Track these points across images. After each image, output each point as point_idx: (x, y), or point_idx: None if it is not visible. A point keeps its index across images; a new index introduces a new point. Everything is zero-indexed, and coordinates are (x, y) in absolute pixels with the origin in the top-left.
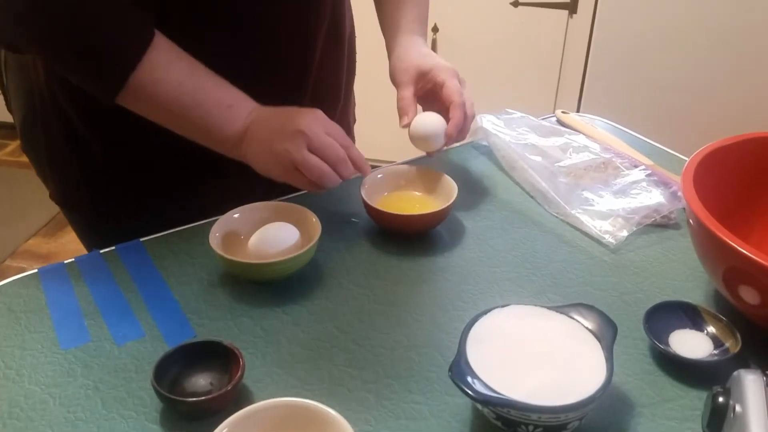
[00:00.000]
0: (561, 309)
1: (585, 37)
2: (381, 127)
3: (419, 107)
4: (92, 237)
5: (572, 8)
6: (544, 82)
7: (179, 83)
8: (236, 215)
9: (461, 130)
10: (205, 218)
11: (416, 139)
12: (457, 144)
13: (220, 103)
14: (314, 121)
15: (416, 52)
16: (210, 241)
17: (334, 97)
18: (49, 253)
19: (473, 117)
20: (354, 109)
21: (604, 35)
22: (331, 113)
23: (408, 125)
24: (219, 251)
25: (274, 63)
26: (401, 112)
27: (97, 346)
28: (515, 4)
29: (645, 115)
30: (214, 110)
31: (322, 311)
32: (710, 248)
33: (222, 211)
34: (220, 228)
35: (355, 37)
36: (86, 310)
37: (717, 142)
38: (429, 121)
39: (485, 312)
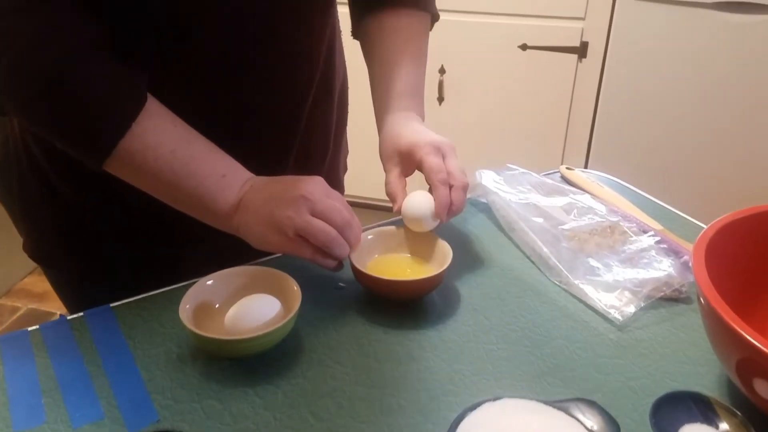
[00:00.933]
0: (559, 405)
1: (595, 82)
2: (377, 166)
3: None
4: (66, 294)
5: (582, 52)
6: (552, 127)
7: (171, 151)
8: (209, 282)
9: (454, 204)
10: (188, 277)
11: (409, 221)
12: None
13: (213, 172)
14: (316, 186)
15: (397, 133)
16: (180, 313)
17: (321, 150)
18: (45, 291)
19: (466, 186)
20: (346, 158)
21: (614, 81)
22: (318, 166)
23: (398, 209)
24: (189, 325)
25: (262, 121)
26: (390, 198)
27: (52, 429)
28: (524, 48)
29: (655, 170)
30: (206, 180)
31: (298, 393)
32: (722, 337)
33: (204, 270)
34: (192, 297)
35: (347, 88)
36: (45, 386)
37: (732, 214)
38: (418, 201)
39: (475, 406)
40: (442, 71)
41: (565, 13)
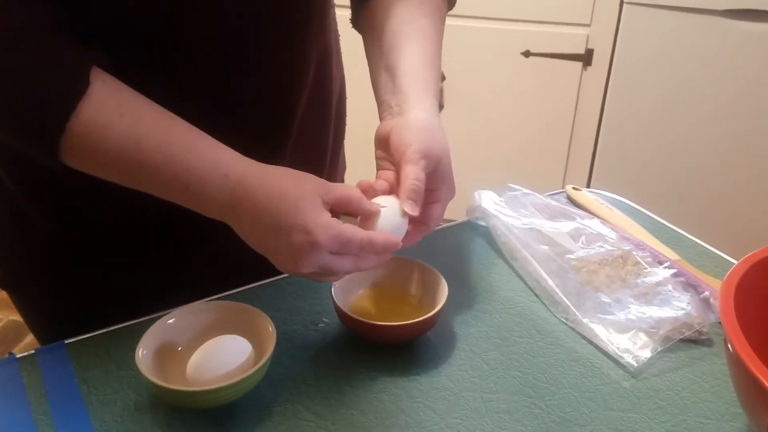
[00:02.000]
0: None
1: (600, 91)
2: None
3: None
4: (33, 321)
5: (587, 60)
6: (555, 137)
7: (118, 151)
8: (171, 321)
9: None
10: (166, 306)
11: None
12: (453, 223)
13: (176, 176)
14: (319, 223)
15: (441, 140)
16: (136, 360)
17: (316, 166)
18: (5, 318)
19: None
20: (343, 174)
21: (620, 90)
22: None
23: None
24: (147, 374)
25: (245, 134)
26: (412, 196)
27: None
28: (527, 54)
29: (665, 188)
30: (170, 186)
31: None
32: (754, 396)
33: (184, 299)
34: (151, 339)
35: (345, 98)
36: None
37: (765, 249)
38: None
39: None
40: (441, 78)
41: (570, 19)
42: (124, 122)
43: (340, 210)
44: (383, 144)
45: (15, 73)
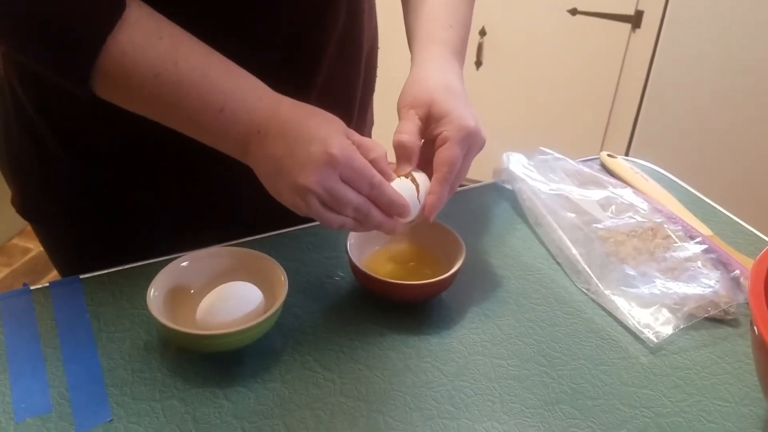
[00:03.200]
0: None
1: (647, 56)
2: None
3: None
4: (55, 253)
5: (636, 22)
6: (596, 102)
7: (155, 75)
8: (184, 264)
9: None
10: (186, 247)
11: None
12: (478, 185)
13: (208, 106)
14: (342, 140)
15: (440, 79)
16: (147, 300)
17: (342, 117)
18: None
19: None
20: (371, 130)
21: (669, 56)
22: None
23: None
24: (157, 315)
25: (270, 75)
26: (401, 153)
27: None
28: (573, 12)
29: (708, 163)
30: (202, 116)
31: (274, 400)
32: None
33: (205, 241)
34: (163, 281)
35: (377, 51)
36: None
37: None
38: (409, 189)
39: None
40: (482, 33)
41: None
42: (163, 44)
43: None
44: (419, 103)
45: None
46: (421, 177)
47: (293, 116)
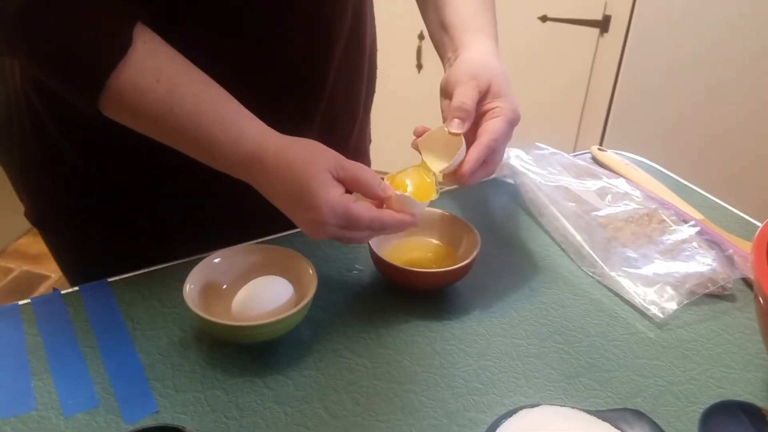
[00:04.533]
0: (604, 415)
1: (616, 58)
2: (398, 140)
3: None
4: (66, 262)
5: (604, 26)
6: (568, 104)
7: (154, 117)
8: (217, 260)
9: (473, 174)
10: (197, 254)
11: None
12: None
13: (204, 146)
14: (332, 207)
15: (492, 64)
16: (184, 294)
17: (349, 121)
18: (40, 253)
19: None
20: (370, 129)
21: (636, 58)
22: (345, 140)
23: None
24: (194, 307)
25: (278, 88)
26: (457, 114)
27: (42, 417)
28: (543, 19)
29: (679, 155)
30: (200, 154)
31: (311, 386)
32: None
33: (216, 248)
34: (197, 277)
35: (376, 50)
36: (35, 368)
37: None
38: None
39: (511, 413)
40: (421, 37)
41: None
42: (160, 88)
43: (352, 189)
44: (445, 94)
45: (66, 23)
46: (463, 145)
47: (278, 176)
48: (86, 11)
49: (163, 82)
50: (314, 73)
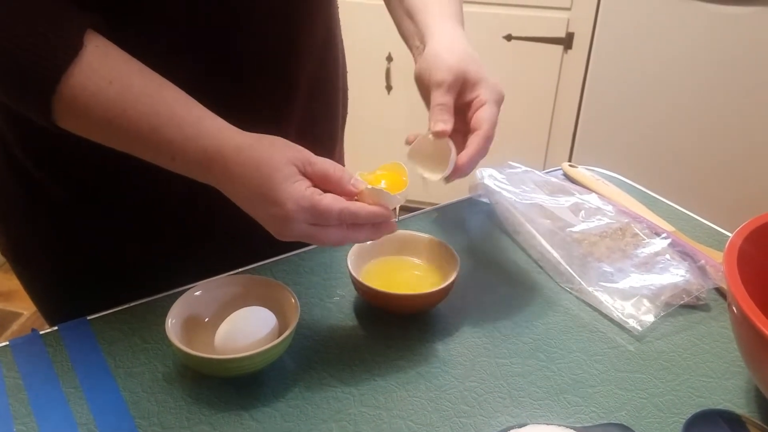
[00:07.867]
0: (590, 430)
1: (580, 73)
2: (370, 160)
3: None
4: (41, 298)
5: (567, 43)
6: (536, 120)
7: (107, 118)
8: (198, 293)
9: (470, 162)
10: (176, 286)
11: (427, 161)
12: (455, 200)
13: (159, 153)
14: (297, 197)
15: (462, 51)
16: (166, 329)
17: (328, 137)
18: (11, 291)
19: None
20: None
21: (600, 73)
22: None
23: (439, 133)
24: (178, 343)
25: (247, 92)
26: (437, 117)
27: None
28: (508, 38)
29: (644, 167)
30: (157, 158)
31: (299, 417)
32: (759, 350)
33: (195, 278)
34: (178, 311)
35: (346, 71)
36: (17, 411)
37: (759, 218)
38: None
39: None
40: (389, 59)
41: (551, 3)
42: (112, 89)
43: (321, 186)
44: (420, 86)
45: (12, 32)
46: (453, 150)
47: (240, 174)
48: (35, 17)
49: (116, 84)
50: (285, 77)
